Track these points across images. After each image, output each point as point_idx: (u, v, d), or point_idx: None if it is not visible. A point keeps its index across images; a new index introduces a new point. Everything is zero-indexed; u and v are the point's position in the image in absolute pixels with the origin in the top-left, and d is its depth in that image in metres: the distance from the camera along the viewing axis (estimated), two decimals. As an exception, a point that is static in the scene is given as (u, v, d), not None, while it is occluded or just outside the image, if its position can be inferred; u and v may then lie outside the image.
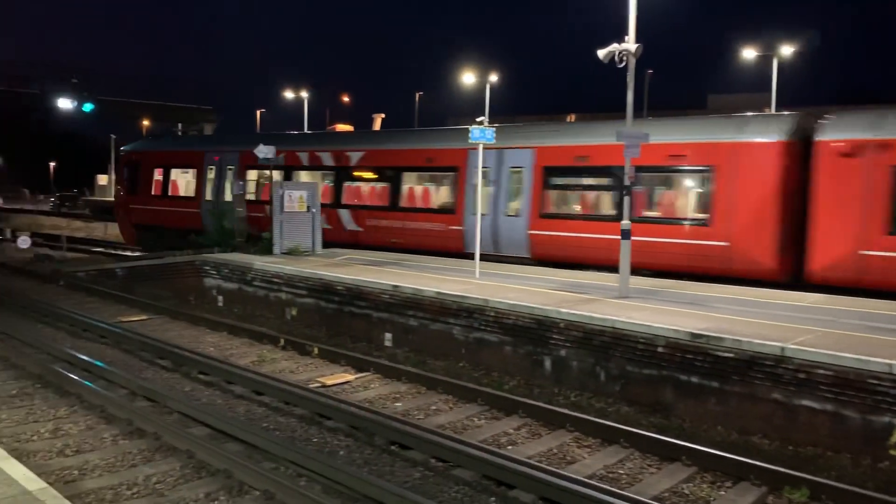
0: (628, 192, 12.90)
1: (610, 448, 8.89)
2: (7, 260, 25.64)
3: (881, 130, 13.15)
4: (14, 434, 8.83)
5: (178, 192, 25.89)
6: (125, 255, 25.15)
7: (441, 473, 7.98)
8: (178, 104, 39.92)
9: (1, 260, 25.61)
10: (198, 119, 40.57)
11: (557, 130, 18.34)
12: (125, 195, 28.08)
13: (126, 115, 41.32)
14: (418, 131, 26.78)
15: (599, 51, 12.81)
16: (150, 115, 42.29)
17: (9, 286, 20.07)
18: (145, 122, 47.01)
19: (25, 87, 35.44)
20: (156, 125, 48.20)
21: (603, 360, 10.69)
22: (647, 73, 48.22)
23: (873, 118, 13.44)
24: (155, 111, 40.20)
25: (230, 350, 13.48)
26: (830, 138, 13.31)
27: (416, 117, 56.55)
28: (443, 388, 10.98)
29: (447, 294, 12.77)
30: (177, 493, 7.29)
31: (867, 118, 13.57)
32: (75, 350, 12.79)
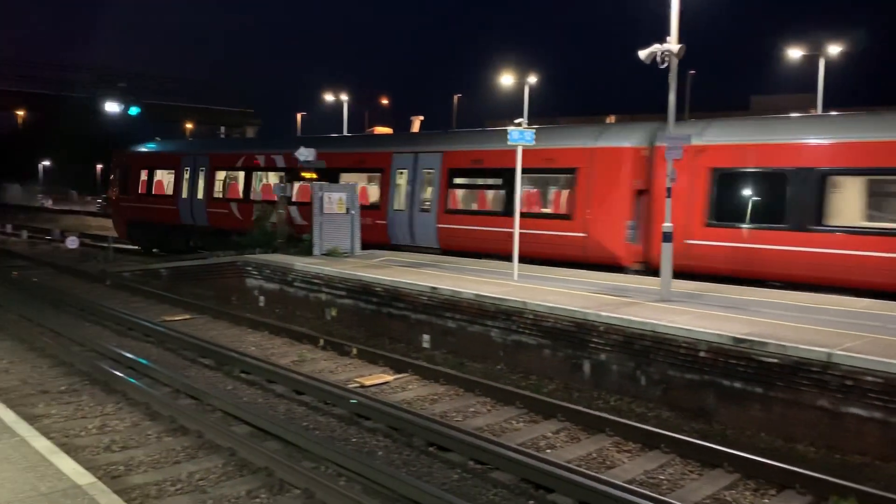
0: (669, 193, 12.74)
1: (650, 453, 8.79)
2: (56, 259, 26.37)
3: (702, 137, 15.01)
4: (63, 429, 9.06)
5: (161, 191, 28.29)
6: (169, 255, 25.65)
7: (479, 476, 7.97)
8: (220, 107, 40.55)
9: (50, 260, 26.34)
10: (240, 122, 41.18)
11: (459, 137, 20.85)
12: (117, 194, 30.69)
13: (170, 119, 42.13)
14: (354, 137, 30.16)
15: (641, 51, 12.69)
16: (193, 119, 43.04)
17: (58, 285, 20.64)
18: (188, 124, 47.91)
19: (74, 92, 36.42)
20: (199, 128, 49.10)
21: (644, 364, 10.57)
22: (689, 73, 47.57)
23: (702, 126, 15.05)
24: (198, 114, 40.90)
25: (271, 349, 13.66)
26: (664, 144, 13.94)
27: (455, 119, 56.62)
28: (481, 391, 10.96)
29: (485, 296, 12.75)
30: (219, 490, 7.40)
31: (698, 126, 15.25)
32: (121, 348, 13.09)
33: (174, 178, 27.59)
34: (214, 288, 19.29)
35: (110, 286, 20.85)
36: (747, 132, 15.25)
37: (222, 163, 25.92)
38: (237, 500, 7.21)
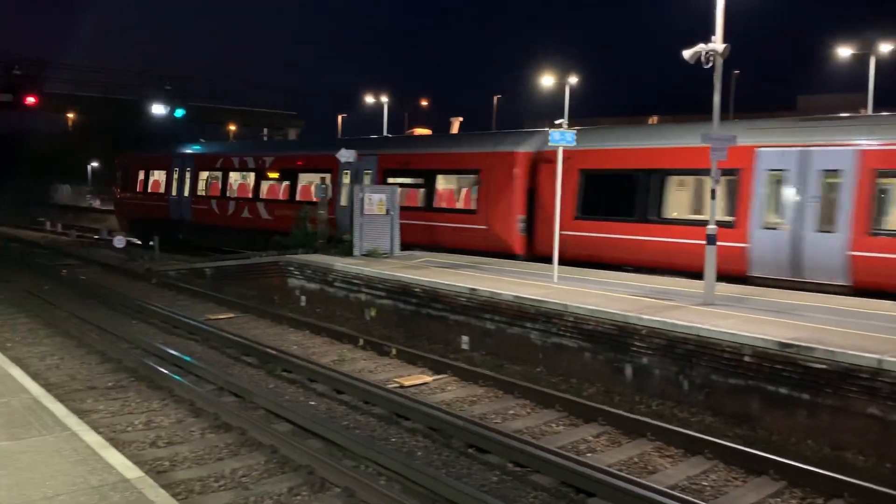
0: (713, 194, 12.55)
1: (693, 459, 8.66)
2: (103, 258, 27.03)
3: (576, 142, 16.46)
4: (111, 424, 9.28)
5: (156, 190, 31.34)
6: (213, 254, 26.11)
7: (519, 478, 7.94)
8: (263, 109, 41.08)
9: (98, 258, 27.01)
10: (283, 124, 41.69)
11: (392, 142, 24.60)
12: (119, 193, 34.24)
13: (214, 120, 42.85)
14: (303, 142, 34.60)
15: (685, 51, 12.52)
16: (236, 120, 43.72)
17: (105, 283, 21.16)
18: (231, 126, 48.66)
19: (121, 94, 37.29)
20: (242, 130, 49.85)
21: (686, 368, 10.42)
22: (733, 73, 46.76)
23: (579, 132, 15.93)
24: (241, 116, 41.52)
25: (312, 349, 13.80)
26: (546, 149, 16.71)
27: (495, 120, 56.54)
28: (520, 393, 10.93)
29: (525, 298, 12.71)
30: (261, 487, 7.50)
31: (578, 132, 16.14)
32: (166, 346, 13.36)
33: (165, 178, 30.61)
34: (257, 287, 19.57)
35: (156, 284, 21.30)
36: (607, 138, 17.87)
37: (204, 164, 28.81)
38: (279, 498, 7.29)
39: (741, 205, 15.07)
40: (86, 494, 5.28)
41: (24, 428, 6.65)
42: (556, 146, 14.33)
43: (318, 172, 23.97)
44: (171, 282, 21.23)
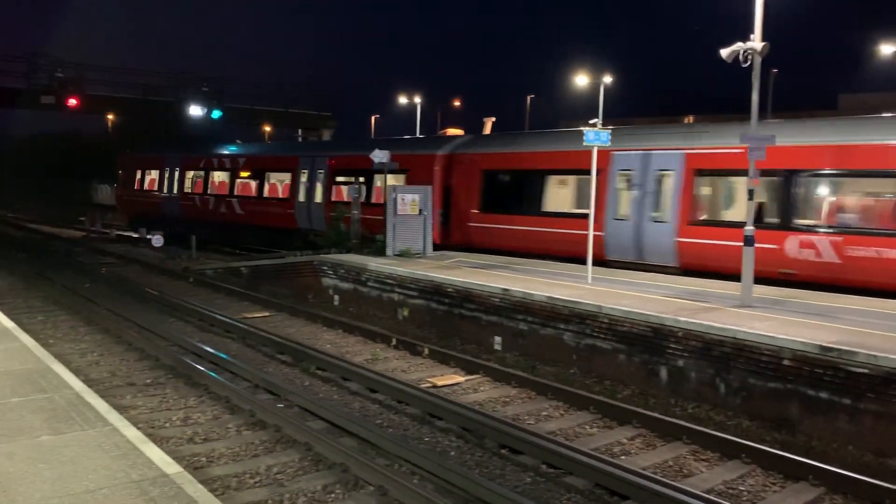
0: (751, 195, 12.36)
1: (730, 463, 8.54)
2: (142, 257, 27.52)
3: (477, 147, 20.82)
4: (149, 420, 9.45)
5: (151, 187, 35.01)
6: (249, 254, 26.48)
7: (552, 480, 7.91)
8: (297, 110, 41.35)
9: (136, 257, 27.51)
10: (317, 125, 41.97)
11: (338, 145, 28.87)
12: (120, 190, 38.87)
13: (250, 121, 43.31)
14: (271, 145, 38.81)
15: (723, 50, 12.35)
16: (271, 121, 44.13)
17: (143, 282, 21.54)
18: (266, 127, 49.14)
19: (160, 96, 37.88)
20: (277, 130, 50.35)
21: (723, 371, 10.28)
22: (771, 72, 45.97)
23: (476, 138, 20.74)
24: (276, 117, 41.86)
25: (345, 347, 13.90)
26: (453, 151, 21.35)
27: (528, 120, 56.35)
28: (553, 394, 10.88)
29: (559, 299, 12.64)
30: (296, 485, 7.57)
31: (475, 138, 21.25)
32: (203, 343, 13.55)
33: (158, 177, 34.53)
34: (291, 286, 19.77)
35: (193, 283, 21.63)
36: (502, 143, 21.21)
37: (188, 165, 32.66)
38: (313, 495, 7.35)
39: (600, 200, 16.97)
40: (126, 488, 5.39)
41: (67, 423, 6.80)
42: (590, 146, 14.21)
43: (282, 172, 27.62)
44: (208, 280, 21.54)
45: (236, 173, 29.41)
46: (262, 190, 28.04)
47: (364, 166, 21.37)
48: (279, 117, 41.64)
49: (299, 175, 26.41)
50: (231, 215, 29.21)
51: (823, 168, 14.21)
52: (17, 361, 8.94)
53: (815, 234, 13.90)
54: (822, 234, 13.81)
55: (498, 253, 19.22)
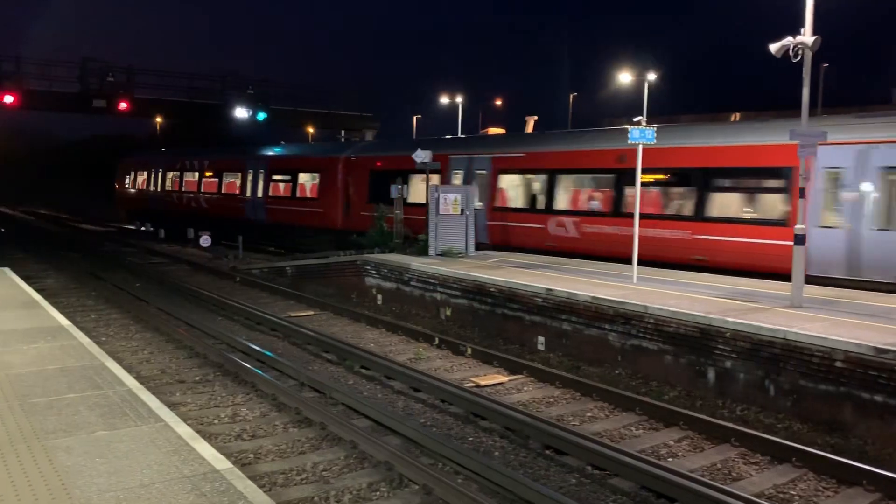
0: (802, 192, 12.08)
1: (780, 467, 8.36)
2: (190, 257, 28.10)
3: (363, 152, 27.22)
4: (198, 417, 9.64)
5: (142, 187, 42.39)
6: (294, 254, 26.85)
7: (598, 481, 7.84)
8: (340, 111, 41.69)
9: (185, 257, 28.10)
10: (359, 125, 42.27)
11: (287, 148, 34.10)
12: (120, 190, 46.52)
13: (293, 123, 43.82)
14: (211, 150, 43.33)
15: (772, 45, 12.09)
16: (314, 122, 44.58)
17: (192, 281, 21.99)
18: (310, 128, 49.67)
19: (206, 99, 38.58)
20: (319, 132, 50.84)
21: (773, 373, 10.06)
22: (822, 67, 44.82)
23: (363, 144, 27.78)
24: (319, 118, 42.27)
25: (389, 346, 13.98)
26: (350, 154, 27.30)
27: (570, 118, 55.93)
28: (598, 395, 10.79)
29: (603, 299, 12.53)
30: (342, 482, 7.65)
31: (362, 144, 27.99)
32: (250, 341, 13.77)
33: (146, 178, 42.13)
34: (335, 286, 19.97)
35: (239, 283, 22.00)
36: (383, 148, 27.66)
37: (170, 167, 39.23)
38: (358, 493, 7.42)
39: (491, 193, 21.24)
40: (179, 483, 5.51)
41: (121, 418, 6.98)
42: (635, 143, 14.06)
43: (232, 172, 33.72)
44: (254, 280, 21.88)
45: (202, 172, 36.51)
46: (221, 187, 34.86)
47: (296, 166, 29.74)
48: (322, 118, 42.06)
49: (246, 175, 32.62)
50: (199, 206, 36.35)
51: (567, 168, 19.67)
52: (74, 358, 9.21)
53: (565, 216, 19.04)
54: (568, 216, 19.01)
55: None
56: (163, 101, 38.03)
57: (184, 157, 38.59)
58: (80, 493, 5.33)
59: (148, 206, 41.26)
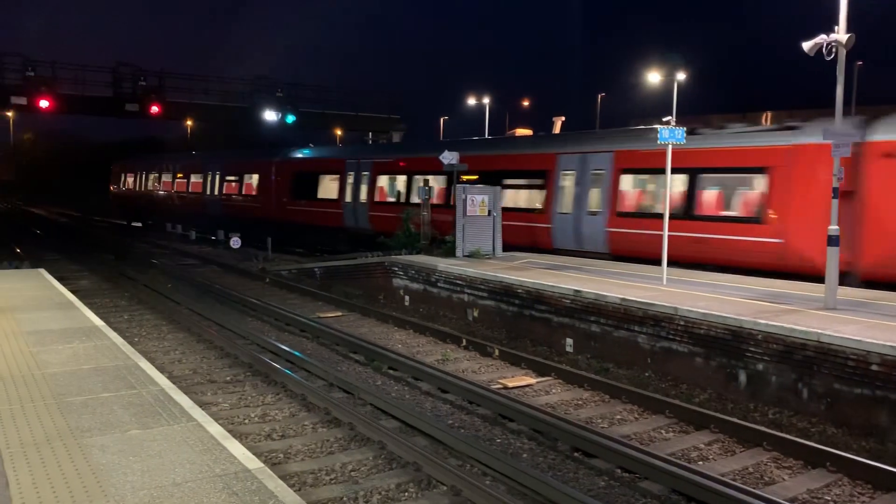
0: (836, 193, 11.87)
1: (814, 471, 8.23)
2: (221, 258, 28.43)
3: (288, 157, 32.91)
4: (229, 417, 9.75)
5: (130, 187, 50.23)
6: (322, 255, 27.06)
7: (627, 484, 7.78)
8: (368, 114, 41.95)
9: (216, 258, 28.44)
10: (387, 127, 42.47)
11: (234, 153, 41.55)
12: (115, 188, 54.02)
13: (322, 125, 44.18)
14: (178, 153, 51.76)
15: (805, 43, 11.90)
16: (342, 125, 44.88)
17: (222, 282, 22.24)
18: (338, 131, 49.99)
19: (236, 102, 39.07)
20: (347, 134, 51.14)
21: (806, 376, 9.90)
22: (856, 65, 44.02)
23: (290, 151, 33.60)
24: (347, 121, 42.57)
25: (416, 348, 14.02)
26: (279, 159, 32.93)
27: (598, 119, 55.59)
28: (627, 398, 10.71)
29: (632, 300, 12.43)
30: (370, 482, 7.68)
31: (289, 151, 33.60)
32: (279, 342, 13.90)
33: (134, 180, 49.65)
34: (363, 287, 20.06)
35: (269, 283, 22.21)
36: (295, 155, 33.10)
37: (154, 171, 46.43)
38: (387, 493, 7.44)
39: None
40: (210, 482, 5.58)
41: (154, 417, 7.09)
42: (664, 144, 13.93)
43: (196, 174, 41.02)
44: (283, 281, 22.07)
45: (184, 175, 42.51)
46: (188, 186, 41.19)
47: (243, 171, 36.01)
48: (350, 121, 42.34)
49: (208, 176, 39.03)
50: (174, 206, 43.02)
51: None
52: (108, 358, 9.37)
53: None
54: None
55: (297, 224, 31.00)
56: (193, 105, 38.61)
57: (160, 162, 46.78)
58: (115, 490, 5.42)
59: (137, 205, 49.24)
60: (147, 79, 35.38)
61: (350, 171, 27.94)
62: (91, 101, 35.30)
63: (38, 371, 8.67)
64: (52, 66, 33.65)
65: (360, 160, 27.92)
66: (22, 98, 32.43)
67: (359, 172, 27.52)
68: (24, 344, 10.04)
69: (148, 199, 46.73)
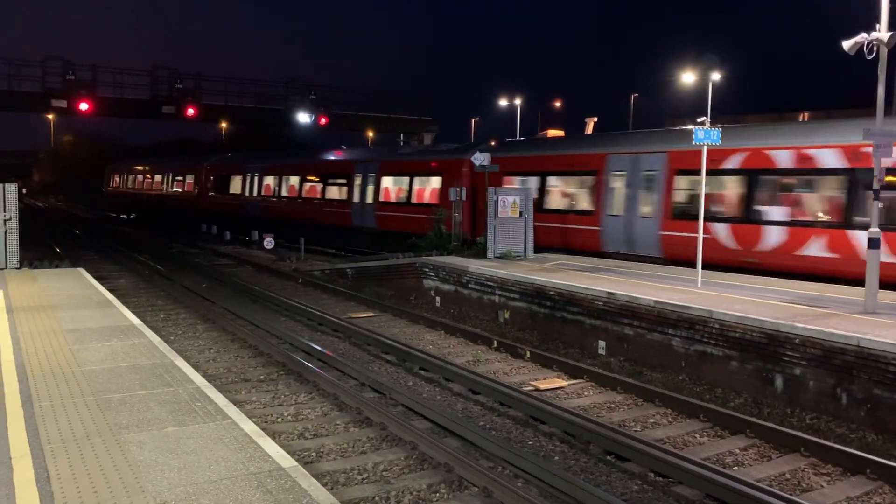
0: (877, 195, 11.63)
1: (853, 479, 8.06)
2: (255, 258, 28.74)
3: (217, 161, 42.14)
4: (262, 415, 9.85)
5: (118, 186, 57.86)
6: (353, 256, 27.22)
7: (661, 489, 7.70)
8: (400, 115, 42.18)
9: (249, 259, 28.76)
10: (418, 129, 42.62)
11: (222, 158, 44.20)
12: (109, 188, 60.81)
13: (354, 127, 44.49)
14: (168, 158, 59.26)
15: (845, 42, 11.68)
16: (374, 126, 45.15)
17: (256, 282, 22.49)
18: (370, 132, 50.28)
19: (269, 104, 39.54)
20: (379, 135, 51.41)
21: (845, 381, 9.70)
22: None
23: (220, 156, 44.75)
24: (379, 122, 42.84)
25: (447, 349, 14.02)
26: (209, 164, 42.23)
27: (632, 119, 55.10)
28: (661, 401, 10.59)
29: (666, 303, 12.29)
30: (402, 483, 7.70)
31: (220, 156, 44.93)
32: (312, 342, 14.01)
33: (122, 180, 57.00)
34: (394, 287, 20.14)
35: (302, 284, 22.40)
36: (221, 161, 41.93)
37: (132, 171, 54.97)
38: (419, 494, 7.46)
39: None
40: (245, 479, 5.65)
41: (190, 415, 7.19)
42: (699, 144, 13.78)
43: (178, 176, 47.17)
44: (316, 281, 22.24)
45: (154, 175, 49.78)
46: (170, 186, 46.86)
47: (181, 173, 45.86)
48: (382, 122, 42.57)
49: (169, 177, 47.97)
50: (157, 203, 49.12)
51: None
52: (145, 356, 9.53)
53: None
54: None
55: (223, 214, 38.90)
56: (228, 107, 39.18)
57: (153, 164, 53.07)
58: (152, 486, 5.51)
59: (127, 202, 56.91)
60: (183, 81, 35.99)
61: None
62: (129, 104, 36.03)
63: (77, 368, 8.86)
64: (92, 69, 34.38)
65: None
66: (62, 101, 33.23)
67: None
68: (65, 341, 10.26)
69: (132, 196, 54.83)
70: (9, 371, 8.63)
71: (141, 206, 52.39)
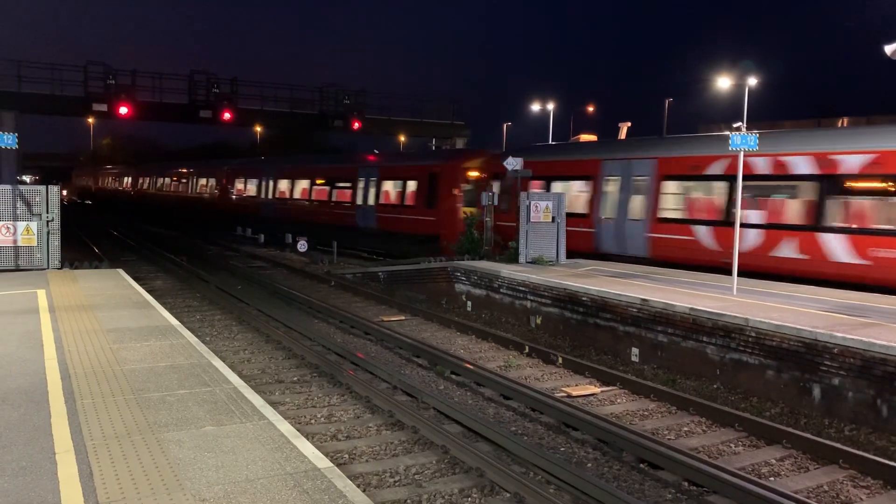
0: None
1: (893, 492, 7.90)
2: (288, 261, 29.06)
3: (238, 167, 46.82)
4: (296, 416, 9.96)
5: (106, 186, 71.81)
6: (385, 259, 27.40)
7: (695, 498, 7.63)
8: (432, 120, 42.29)
9: (283, 261, 29.08)
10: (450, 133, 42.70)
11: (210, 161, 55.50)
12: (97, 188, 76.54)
13: (387, 131, 44.70)
14: None
15: (887, 46, 11.50)
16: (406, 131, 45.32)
17: (290, 284, 22.73)
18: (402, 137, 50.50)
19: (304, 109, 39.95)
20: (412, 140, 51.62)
21: (886, 392, 9.51)
22: (940, 67, 42.01)
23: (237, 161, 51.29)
24: (412, 127, 42.99)
25: (478, 353, 14.03)
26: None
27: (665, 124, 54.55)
28: (695, 410, 10.48)
29: (701, 310, 12.17)
30: (433, 486, 7.73)
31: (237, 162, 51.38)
32: (345, 344, 14.12)
33: (111, 181, 69.60)
34: (426, 291, 20.21)
35: (334, 286, 22.58)
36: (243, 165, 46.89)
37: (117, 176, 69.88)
38: (450, 497, 7.48)
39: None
40: (282, 480, 5.72)
41: (227, 415, 7.30)
42: (736, 150, 13.64)
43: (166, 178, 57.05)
44: (349, 284, 22.40)
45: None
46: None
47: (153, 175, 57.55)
48: (414, 127, 42.72)
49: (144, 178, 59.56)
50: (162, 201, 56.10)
51: None
52: (182, 356, 9.70)
53: None
54: None
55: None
56: (264, 112, 39.63)
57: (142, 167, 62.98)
58: (191, 484, 5.62)
59: (119, 199, 66.84)
60: (220, 86, 36.52)
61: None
62: (167, 108, 36.65)
63: (118, 367, 9.04)
64: (132, 74, 35.06)
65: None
66: (103, 105, 33.91)
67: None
68: (105, 341, 10.48)
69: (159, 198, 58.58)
70: (52, 369, 8.85)
71: (165, 208, 55.21)
